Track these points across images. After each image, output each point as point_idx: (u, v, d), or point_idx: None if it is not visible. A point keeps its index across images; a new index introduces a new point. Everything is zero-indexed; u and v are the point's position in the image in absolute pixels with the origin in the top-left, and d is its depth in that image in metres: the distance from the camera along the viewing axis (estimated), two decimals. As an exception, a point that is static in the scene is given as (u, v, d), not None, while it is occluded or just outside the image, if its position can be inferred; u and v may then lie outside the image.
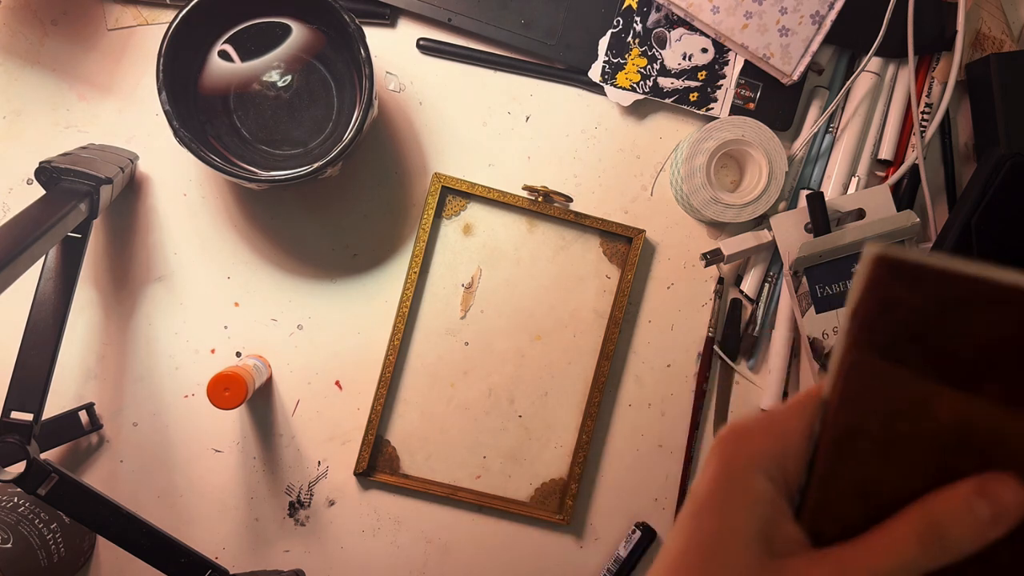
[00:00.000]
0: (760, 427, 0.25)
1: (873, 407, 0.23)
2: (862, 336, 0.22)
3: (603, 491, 0.67)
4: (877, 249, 0.22)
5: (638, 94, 0.65)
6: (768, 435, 0.24)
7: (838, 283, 0.63)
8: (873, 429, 0.23)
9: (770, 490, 0.24)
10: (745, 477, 0.24)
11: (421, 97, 0.66)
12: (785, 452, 0.24)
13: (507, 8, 0.64)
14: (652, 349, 0.68)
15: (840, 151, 0.67)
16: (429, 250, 0.65)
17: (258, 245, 0.65)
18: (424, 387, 0.66)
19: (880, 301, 0.22)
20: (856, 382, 0.23)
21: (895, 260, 0.22)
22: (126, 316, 0.64)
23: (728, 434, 0.25)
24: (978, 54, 0.67)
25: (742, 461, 0.24)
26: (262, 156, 0.58)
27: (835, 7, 0.63)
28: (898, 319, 0.22)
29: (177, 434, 0.64)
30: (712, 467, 0.25)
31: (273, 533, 0.65)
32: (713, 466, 0.25)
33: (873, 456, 0.23)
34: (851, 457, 0.23)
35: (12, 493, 0.58)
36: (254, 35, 0.58)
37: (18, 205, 0.62)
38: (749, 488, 0.24)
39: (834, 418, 0.23)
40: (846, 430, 0.23)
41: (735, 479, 0.24)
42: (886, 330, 0.22)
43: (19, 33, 0.63)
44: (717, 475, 0.24)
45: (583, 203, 0.67)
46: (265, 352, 0.65)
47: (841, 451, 0.23)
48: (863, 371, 0.22)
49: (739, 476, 0.24)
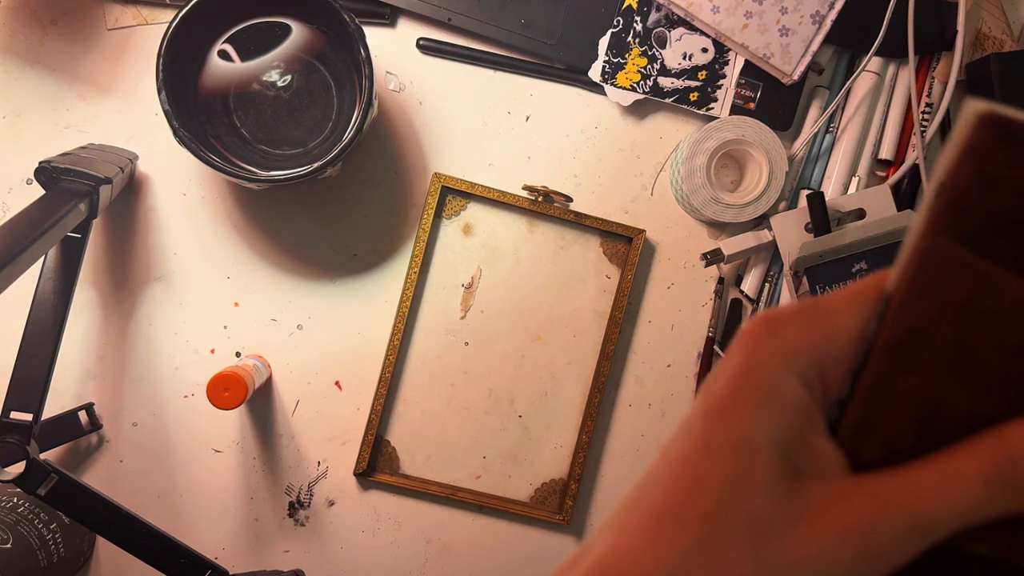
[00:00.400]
0: (800, 318, 0.20)
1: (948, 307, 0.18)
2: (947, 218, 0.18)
3: (603, 491, 0.67)
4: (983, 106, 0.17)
5: (638, 94, 0.65)
6: (809, 329, 0.20)
7: (838, 283, 0.63)
8: (944, 334, 0.18)
9: (804, 396, 0.19)
10: (775, 376, 0.19)
11: (421, 97, 0.66)
12: (827, 352, 0.20)
13: (507, 8, 0.64)
14: (652, 349, 0.68)
15: (840, 151, 0.67)
16: (429, 250, 0.65)
17: (258, 245, 0.65)
18: (424, 387, 0.66)
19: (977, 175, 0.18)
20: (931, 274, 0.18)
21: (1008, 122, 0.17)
22: (126, 316, 0.64)
23: (759, 323, 0.20)
24: (978, 54, 0.67)
25: (773, 357, 0.20)
26: (262, 156, 0.58)
27: (835, 7, 0.63)
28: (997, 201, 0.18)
29: (177, 434, 0.64)
30: (735, 361, 0.20)
31: (273, 533, 0.65)
32: (736, 360, 0.20)
33: (939, 368, 0.18)
34: (911, 367, 0.19)
35: (12, 493, 0.58)
36: (254, 35, 0.58)
37: (18, 205, 0.62)
38: (778, 390, 0.19)
39: (896, 316, 0.19)
40: (909, 332, 0.19)
41: (762, 378, 0.19)
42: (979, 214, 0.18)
43: (19, 33, 0.63)
44: (740, 371, 0.20)
45: (583, 203, 0.66)
46: (265, 352, 0.65)
47: (899, 358, 0.19)
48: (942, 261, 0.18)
49: (767, 374, 0.19)
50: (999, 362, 0.18)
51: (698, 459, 0.19)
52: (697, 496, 0.19)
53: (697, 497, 0.19)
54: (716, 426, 0.19)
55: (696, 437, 0.20)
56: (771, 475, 0.18)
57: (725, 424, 0.19)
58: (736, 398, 0.19)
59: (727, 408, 0.19)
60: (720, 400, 0.20)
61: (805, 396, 0.19)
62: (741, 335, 0.21)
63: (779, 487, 0.18)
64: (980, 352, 0.18)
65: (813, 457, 0.19)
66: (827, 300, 0.20)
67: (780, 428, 0.19)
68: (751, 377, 0.20)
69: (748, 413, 0.19)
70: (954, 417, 0.19)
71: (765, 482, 0.18)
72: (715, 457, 0.19)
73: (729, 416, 0.19)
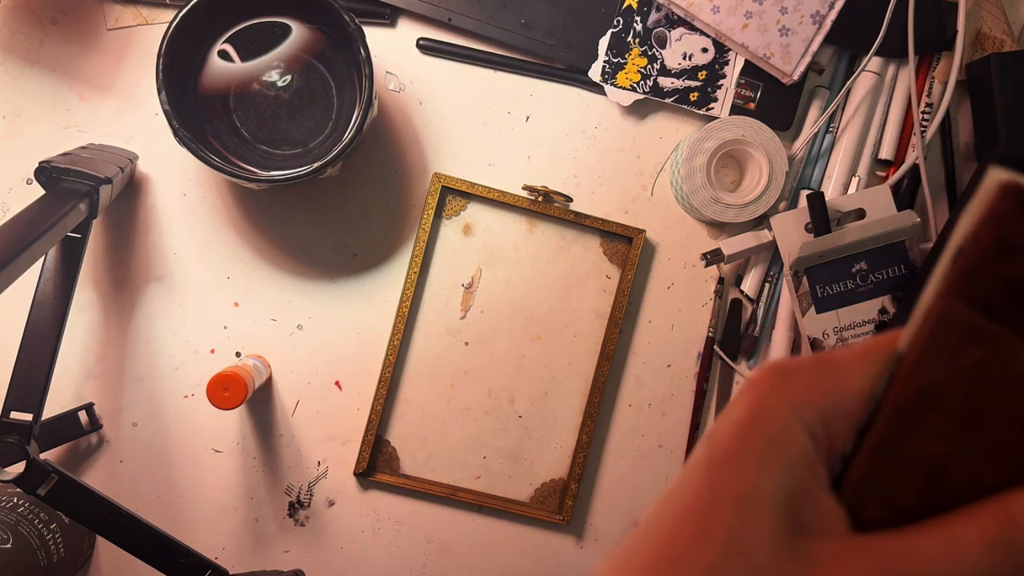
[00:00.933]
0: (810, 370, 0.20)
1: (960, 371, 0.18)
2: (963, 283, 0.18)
3: (603, 491, 0.67)
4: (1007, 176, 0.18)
5: (638, 94, 0.65)
6: (819, 382, 0.20)
7: (838, 283, 0.63)
8: (954, 398, 0.18)
9: (810, 448, 0.19)
10: (782, 427, 0.19)
11: (421, 97, 0.66)
12: (836, 407, 0.19)
13: (507, 8, 0.64)
14: (652, 349, 0.68)
15: (840, 151, 0.67)
16: (429, 250, 0.65)
17: (258, 245, 0.65)
18: (424, 387, 0.66)
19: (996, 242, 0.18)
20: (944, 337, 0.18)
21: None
22: (126, 316, 0.64)
23: (768, 372, 0.20)
24: (978, 54, 0.67)
25: (781, 407, 0.19)
26: (262, 156, 0.58)
27: (835, 7, 0.63)
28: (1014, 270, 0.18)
29: (177, 434, 0.64)
30: (742, 408, 0.20)
31: (273, 533, 0.65)
32: (743, 407, 0.20)
33: (947, 431, 0.18)
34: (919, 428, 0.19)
35: (12, 493, 0.58)
36: (254, 35, 0.58)
37: (18, 205, 0.62)
38: (785, 441, 0.19)
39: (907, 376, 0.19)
40: (920, 393, 0.19)
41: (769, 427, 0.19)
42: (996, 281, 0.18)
43: (19, 33, 0.63)
44: (747, 419, 0.19)
45: (583, 203, 0.66)
46: (265, 352, 0.65)
47: (908, 418, 0.19)
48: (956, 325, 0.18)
49: (775, 424, 0.19)
50: (1007, 430, 0.18)
51: (702, 508, 0.19)
52: (700, 546, 0.18)
53: (700, 547, 0.18)
54: (721, 474, 0.19)
55: (699, 485, 0.19)
56: (775, 529, 0.18)
57: (730, 473, 0.19)
58: (742, 446, 0.19)
59: (732, 456, 0.19)
60: (725, 447, 0.19)
61: (811, 449, 0.19)
62: (749, 383, 0.20)
63: (783, 542, 0.18)
64: (989, 419, 0.18)
65: (816, 512, 0.19)
66: (838, 355, 0.20)
67: (785, 480, 0.19)
68: (758, 426, 0.19)
69: (754, 462, 0.19)
70: (958, 481, 0.18)
71: (769, 536, 0.18)
72: (719, 506, 0.18)
73: (734, 464, 0.19)
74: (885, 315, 0.63)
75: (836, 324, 0.63)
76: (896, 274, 0.63)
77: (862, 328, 0.63)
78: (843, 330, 0.63)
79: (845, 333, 0.63)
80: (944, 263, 0.19)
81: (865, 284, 0.63)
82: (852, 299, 0.63)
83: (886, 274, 0.63)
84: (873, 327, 0.63)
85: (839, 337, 0.63)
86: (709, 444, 0.20)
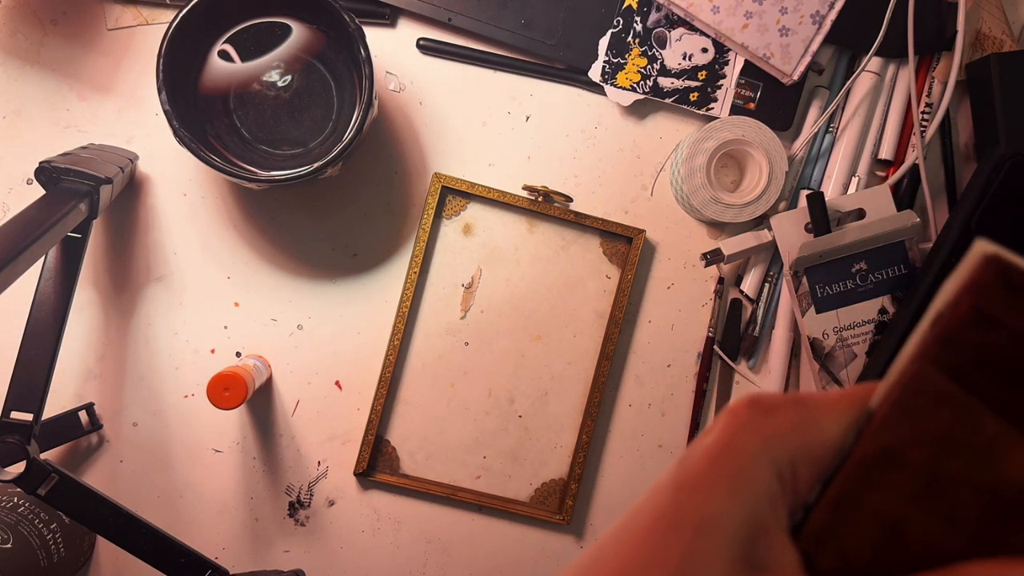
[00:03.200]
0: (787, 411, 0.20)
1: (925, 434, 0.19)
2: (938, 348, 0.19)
3: (603, 491, 0.67)
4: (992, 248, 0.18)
5: (638, 94, 0.65)
6: (793, 425, 0.20)
7: (838, 283, 0.63)
8: (916, 460, 0.19)
9: (775, 488, 0.19)
10: (752, 462, 0.19)
11: (421, 97, 0.66)
12: (805, 453, 0.20)
13: (507, 8, 0.64)
14: (652, 349, 0.68)
15: (840, 151, 0.67)
16: (429, 250, 0.65)
17: (258, 245, 0.65)
18: (424, 387, 0.66)
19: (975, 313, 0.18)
20: (913, 400, 0.19)
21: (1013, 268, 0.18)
22: (126, 316, 0.64)
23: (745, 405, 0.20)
24: (978, 54, 0.67)
25: (754, 443, 0.19)
26: (262, 156, 0.58)
27: (835, 7, 0.63)
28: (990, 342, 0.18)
29: (177, 434, 0.64)
30: (715, 436, 0.20)
31: (273, 533, 0.65)
32: (716, 436, 0.20)
33: (906, 492, 0.19)
34: (880, 486, 0.19)
35: (12, 493, 0.58)
36: (254, 35, 0.58)
37: (18, 205, 0.62)
38: (753, 476, 0.19)
39: (874, 434, 0.19)
40: (883, 452, 0.19)
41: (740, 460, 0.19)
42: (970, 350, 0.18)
43: (19, 33, 0.63)
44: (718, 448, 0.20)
45: (583, 203, 0.67)
46: (265, 352, 0.65)
47: (870, 475, 0.19)
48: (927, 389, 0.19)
49: (745, 458, 0.19)
50: (965, 498, 0.18)
51: (662, 529, 0.19)
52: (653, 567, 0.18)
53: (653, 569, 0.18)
54: (685, 499, 0.19)
55: (663, 507, 0.19)
56: (730, 560, 0.18)
57: (694, 499, 0.19)
58: (710, 475, 0.19)
59: (699, 483, 0.19)
60: (693, 473, 0.20)
61: (777, 488, 0.19)
62: (726, 413, 0.21)
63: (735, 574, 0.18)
64: (949, 484, 0.18)
65: (772, 551, 0.19)
66: (815, 400, 0.21)
67: (747, 514, 0.19)
68: (729, 456, 0.19)
69: (719, 492, 0.19)
70: (914, 542, 0.19)
71: (722, 567, 0.18)
72: (678, 531, 0.19)
73: (699, 491, 0.19)
74: (885, 315, 0.63)
75: (836, 324, 0.63)
76: (896, 274, 0.63)
77: (862, 328, 0.63)
78: (843, 330, 0.63)
79: (845, 333, 0.63)
80: (923, 326, 0.19)
81: (865, 284, 0.63)
82: (852, 299, 0.63)
83: (886, 274, 0.63)
84: (873, 327, 0.63)
85: (839, 337, 0.63)
86: (679, 468, 0.20)
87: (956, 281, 0.18)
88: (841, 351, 0.63)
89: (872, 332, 0.63)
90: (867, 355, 0.63)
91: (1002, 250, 0.18)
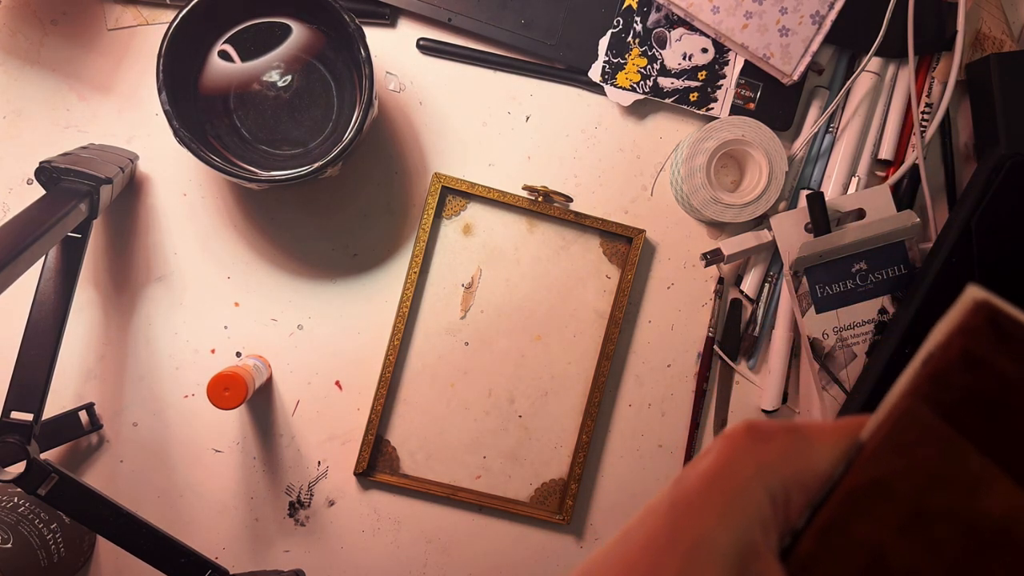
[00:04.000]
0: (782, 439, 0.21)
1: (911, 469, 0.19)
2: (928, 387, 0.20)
3: (603, 491, 0.67)
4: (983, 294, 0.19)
5: (638, 94, 0.65)
6: (788, 453, 0.21)
7: (838, 283, 0.63)
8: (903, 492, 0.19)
9: (767, 512, 0.20)
10: (747, 486, 0.20)
11: (421, 97, 0.66)
12: (797, 480, 0.20)
13: (507, 8, 0.64)
14: (652, 349, 0.68)
15: (840, 151, 0.67)
16: (429, 250, 0.65)
17: (258, 245, 0.65)
18: (424, 387, 0.66)
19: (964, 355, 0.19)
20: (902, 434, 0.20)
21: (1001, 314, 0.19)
22: (126, 316, 0.64)
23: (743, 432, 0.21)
24: (978, 54, 0.67)
25: (749, 467, 0.20)
26: (262, 156, 0.58)
27: (835, 7, 0.63)
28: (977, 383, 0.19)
29: (177, 434, 0.64)
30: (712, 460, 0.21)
31: (273, 533, 0.65)
32: (713, 459, 0.21)
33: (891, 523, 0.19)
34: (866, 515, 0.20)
35: (12, 493, 0.58)
36: (254, 35, 0.58)
37: (18, 205, 0.62)
38: (747, 499, 0.20)
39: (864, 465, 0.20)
40: (871, 483, 0.20)
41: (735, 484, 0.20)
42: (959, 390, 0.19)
43: (19, 33, 0.63)
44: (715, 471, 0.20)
45: (583, 203, 0.67)
46: (265, 352, 0.65)
47: (857, 505, 0.20)
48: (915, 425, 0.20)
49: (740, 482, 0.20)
50: (947, 531, 0.19)
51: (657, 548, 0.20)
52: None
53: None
54: (681, 520, 0.20)
55: (659, 526, 0.20)
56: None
57: (690, 520, 0.20)
58: (706, 497, 0.20)
59: (694, 504, 0.20)
60: (689, 494, 0.20)
61: (769, 513, 0.20)
62: (724, 437, 0.21)
63: None
64: (932, 517, 0.19)
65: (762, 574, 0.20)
66: (810, 429, 0.21)
67: (740, 536, 0.19)
68: (725, 479, 0.20)
69: (714, 513, 0.20)
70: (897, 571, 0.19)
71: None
72: (673, 552, 0.19)
73: (695, 513, 0.20)
74: (885, 315, 0.63)
75: (836, 324, 0.63)
76: (896, 274, 0.63)
77: (862, 328, 0.63)
78: (843, 330, 0.63)
79: (845, 333, 0.63)
80: (915, 364, 0.20)
81: (865, 284, 0.63)
82: (852, 299, 0.63)
83: (886, 274, 0.63)
84: (873, 327, 0.63)
85: (839, 337, 0.63)
86: (674, 489, 0.21)
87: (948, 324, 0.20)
88: (841, 351, 0.63)
89: (872, 332, 0.63)
90: (867, 355, 0.64)
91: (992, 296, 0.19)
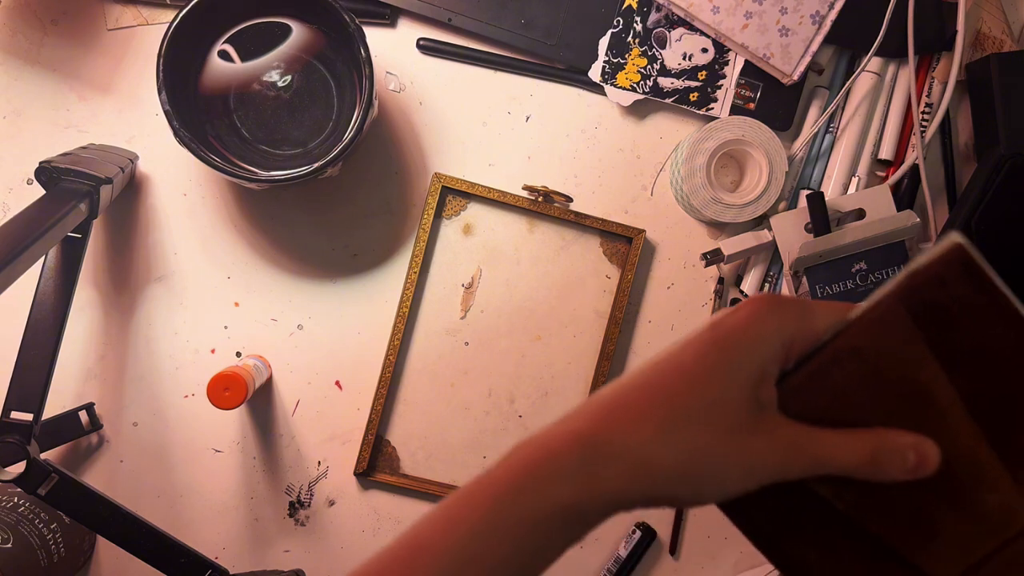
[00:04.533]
0: (796, 307, 0.29)
1: (880, 344, 0.28)
2: (907, 293, 0.28)
3: (603, 491, 0.67)
4: (964, 241, 0.27)
5: (638, 94, 0.65)
6: (799, 316, 0.29)
7: (838, 283, 0.63)
8: (870, 358, 0.28)
9: (779, 353, 0.28)
10: (770, 331, 0.28)
11: (421, 97, 0.66)
12: (801, 336, 0.29)
13: (507, 8, 0.64)
14: (652, 349, 0.68)
15: (840, 151, 0.67)
16: (429, 250, 0.65)
17: (258, 245, 0.65)
18: (424, 387, 0.66)
19: (938, 278, 0.27)
20: (880, 320, 0.28)
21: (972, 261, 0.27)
22: (126, 316, 0.64)
23: (770, 297, 0.29)
24: (978, 54, 0.67)
25: (772, 320, 0.28)
26: (262, 156, 0.58)
27: (835, 7, 0.63)
28: (942, 300, 0.28)
29: (177, 434, 0.64)
30: (746, 312, 0.28)
31: (273, 533, 0.65)
32: (747, 312, 0.28)
33: (857, 375, 0.28)
34: (842, 367, 0.29)
35: (12, 493, 0.58)
36: (254, 35, 0.58)
37: (18, 205, 0.62)
38: (768, 342, 0.28)
39: (847, 335, 0.29)
40: (850, 347, 0.28)
41: (760, 330, 0.28)
42: (928, 301, 0.28)
43: (19, 33, 0.63)
44: (749, 318, 0.28)
45: (583, 203, 0.67)
46: (265, 352, 0.65)
47: (837, 360, 0.29)
48: (890, 317, 0.28)
49: (765, 330, 0.28)
50: (893, 388, 0.29)
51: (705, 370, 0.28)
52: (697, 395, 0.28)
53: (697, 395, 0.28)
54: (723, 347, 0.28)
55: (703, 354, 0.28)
56: (747, 397, 0.28)
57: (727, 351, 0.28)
58: (740, 336, 0.28)
59: (736, 340, 0.28)
60: (729, 332, 0.28)
61: (780, 354, 0.29)
62: (753, 299, 0.29)
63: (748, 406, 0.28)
64: (884, 376, 0.28)
65: (767, 395, 0.29)
66: (816, 304, 0.30)
67: (760, 367, 0.28)
68: (753, 326, 0.28)
69: (744, 348, 0.28)
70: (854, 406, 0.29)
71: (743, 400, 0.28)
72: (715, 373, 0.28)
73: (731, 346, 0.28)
74: (885, 315, 0.63)
75: (836, 324, 0.63)
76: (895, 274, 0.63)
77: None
78: (843, 330, 0.63)
79: (845, 333, 0.63)
80: (901, 274, 0.28)
81: (865, 284, 0.63)
82: (852, 299, 0.63)
83: (886, 274, 0.63)
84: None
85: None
86: (715, 329, 0.29)
87: (932, 253, 0.28)
88: (841, 351, 0.63)
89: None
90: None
91: (969, 244, 0.27)
